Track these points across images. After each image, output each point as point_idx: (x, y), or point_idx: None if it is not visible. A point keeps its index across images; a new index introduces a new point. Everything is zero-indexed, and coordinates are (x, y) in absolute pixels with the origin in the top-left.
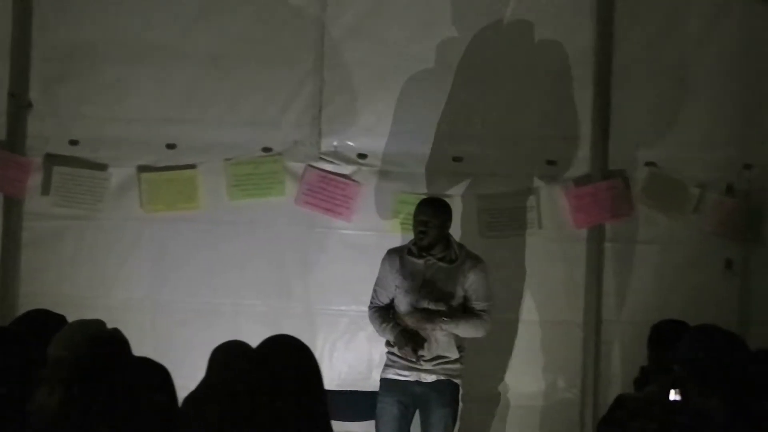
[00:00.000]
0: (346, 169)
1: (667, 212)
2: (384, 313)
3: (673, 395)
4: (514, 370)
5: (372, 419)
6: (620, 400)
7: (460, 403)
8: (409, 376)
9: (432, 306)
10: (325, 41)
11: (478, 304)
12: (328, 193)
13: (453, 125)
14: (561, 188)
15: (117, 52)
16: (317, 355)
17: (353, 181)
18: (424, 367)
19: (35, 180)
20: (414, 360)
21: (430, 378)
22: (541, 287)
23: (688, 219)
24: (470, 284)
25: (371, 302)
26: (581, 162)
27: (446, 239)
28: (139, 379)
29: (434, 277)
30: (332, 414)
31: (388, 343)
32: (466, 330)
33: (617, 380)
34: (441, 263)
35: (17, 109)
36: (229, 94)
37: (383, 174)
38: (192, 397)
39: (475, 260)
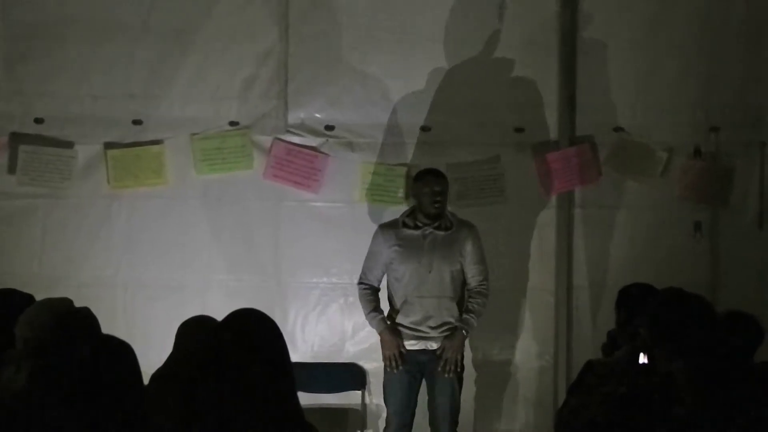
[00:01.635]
0: (313, 142)
1: (636, 177)
2: (374, 299)
3: (642, 359)
4: (486, 338)
5: (345, 390)
6: (589, 365)
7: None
8: (416, 345)
9: (437, 270)
10: (290, 14)
11: (475, 271)
12: (296, 166)
13: (420, 94)
14: (530, 155)
15: (81, 29)
16: (289, 328)
17: (321, 153)
18: (429, 335)
19: (1, 159)
20: (391, 368)
21: (436, 345)
22: (511, 255)
23: (656, 183)
24: (468, 252)
25: (361, 278)
26: (549, 129)
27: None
28: (104, 357)
29: (432, 245)
30: (305, 386)
31: (390, 316)
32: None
33: (589, 345)
34: (438, 232)
35: None
36: (195, 68)
37: (351, 145)
38: (158, 373)
39: (470, 227)
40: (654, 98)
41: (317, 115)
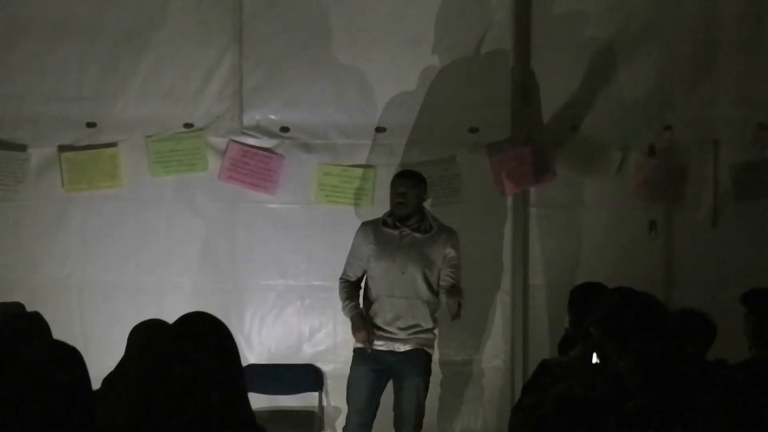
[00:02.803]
0: (269, 143)
1: (591, 175)
2: (351, 290)
3: (595, 358)
4: (442, 338)
5: (302, 392)
6: (544, 365)
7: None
8: (383, 346)
9: (410, 271)
10: (243, 14)
11: (448, 272)
12: (251, 168)
13: (375, 95)
14: (484, 155)
15: (33, 29)
16: (246, 330)
17: (276, 154)
18: (398, 336)
19: None
20: (364, 346)
21: (404, 347)
22: (467, 254)
23: (611, 181)
24: (447, 257)
25: (342, 273)
26: (503, 128)
27: (421, 211)
28: (51, 362)
29: (409, 247)
30: (262, 388)
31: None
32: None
33: (545, 344)
34: (415, 234)
35: None
36: (148, 69)
37: (306, 146)
38: (110, 377)
39: (449, 232)
40: (608, 97)
41: (272, 117)
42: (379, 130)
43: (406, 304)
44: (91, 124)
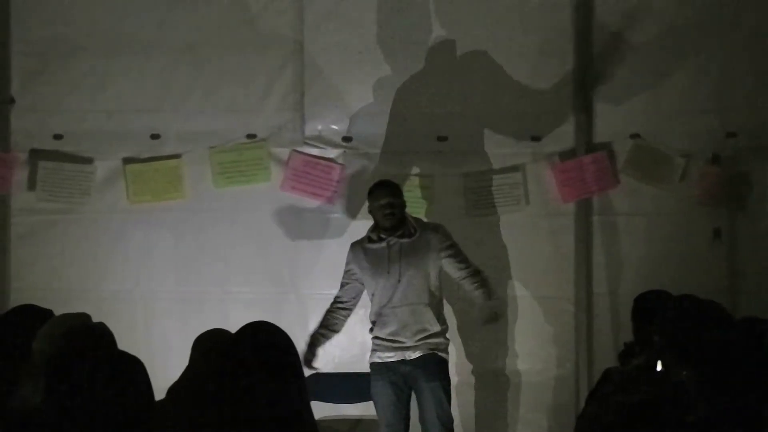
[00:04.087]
0: (330, 153)
1: (653, 183)
2: (325, 322)
3: (659, 367)
4: (507, 347)
5: (366, 400)
6: (607, 374)
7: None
8: (394, 357)
9: (406, 278)
10: (305, 25)
11: (457, 266)
12: (313, 178)
13: (436, 104)
14: (546, 163)
15: (95, 44)
16: (309, 339)
17: (338, 164)
18: (406, 344)
19: (21, 176)
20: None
21: (414, 355)
22: (530, 263)
23: (674, 189)
24: (440, 250)
25: (338, 292)
26: (565, 136)
27: (404, 216)
28: (115, 373)
29: (398, 255)
30: (327, 396)
31: (371, 329)
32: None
33: (610, 353)
34: (401, 240)
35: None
36: (210, 81)
37: (368, 156)
38: (174, 386)
39: (434, 228)
40: (670, 104)
41: (334, 127)
42: (441, 138)
43: (408, 311)
44: (154, 136)
